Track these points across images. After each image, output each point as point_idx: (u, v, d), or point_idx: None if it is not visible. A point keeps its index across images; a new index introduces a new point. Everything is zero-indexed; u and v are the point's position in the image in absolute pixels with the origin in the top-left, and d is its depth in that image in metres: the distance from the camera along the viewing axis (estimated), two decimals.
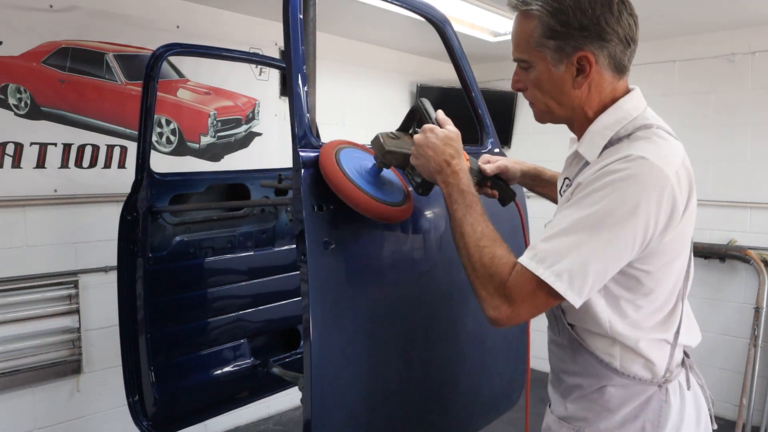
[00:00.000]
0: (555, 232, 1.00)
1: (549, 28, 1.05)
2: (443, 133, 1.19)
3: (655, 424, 1.09)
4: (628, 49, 1.08)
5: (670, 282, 1.08)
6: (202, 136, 3.22)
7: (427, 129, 1.21)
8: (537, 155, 4.40)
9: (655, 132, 1.05)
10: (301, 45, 1.30)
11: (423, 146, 1.19)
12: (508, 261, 1.04)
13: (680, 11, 3.22)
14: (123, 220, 2.16)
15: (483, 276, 1.04)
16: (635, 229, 0.97)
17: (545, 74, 1.10)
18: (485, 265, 1.04)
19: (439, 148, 1.17)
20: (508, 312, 1.01)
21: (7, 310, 2.58)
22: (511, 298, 1.00)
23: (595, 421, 1.12)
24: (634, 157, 0.98)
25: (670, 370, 1.11)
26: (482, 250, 1.05)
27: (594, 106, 1.11)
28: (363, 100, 4.14)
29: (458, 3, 3.00)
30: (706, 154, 3.68)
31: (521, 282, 1.00)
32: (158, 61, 2.09)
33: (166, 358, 2.24)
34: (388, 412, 1.44)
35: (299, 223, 1.23)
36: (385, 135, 1.26)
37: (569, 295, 0.97)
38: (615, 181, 0.97)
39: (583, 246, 0.97)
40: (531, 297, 1.00)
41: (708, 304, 3.66)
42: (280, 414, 3.71)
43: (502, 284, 1.01)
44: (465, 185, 1.14)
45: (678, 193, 0.99)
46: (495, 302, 1.02)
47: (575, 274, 0.97)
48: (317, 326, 1.24)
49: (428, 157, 1.18)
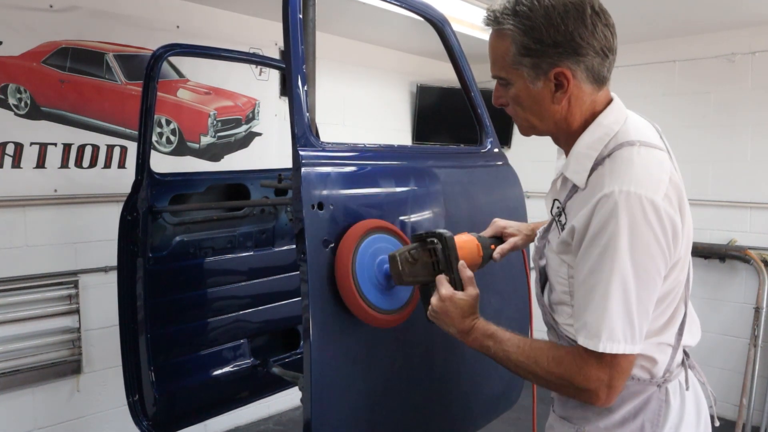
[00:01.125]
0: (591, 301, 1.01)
1: (523, 46, 1.05)
2: (462, 304, 1.19)
3: (654, 423, 1.10)
4: (606, 60, 1.06)
5: (673, 291, 1.08)
6: (202, 136, 3.22)
7: (445, 297, 1.19)
8: (537, 155, 4.40)
9: (637, 152, 1.03)
10: (300, 45, 1.30)
11: (441, 314, 1.20)
12: (565, 354, 1.05)
13: (680, 11, 3.22)
14: (123, 220, 2.15)
15: (560, 383, 1.06)
16: (654, 257, 0.99)
17: (524, 91, 1.09)
18: (553, 373, 1.06)
19: (457, 318, 1.18)
20: (605, 394, 1.03)
21: (7, 310, 2.58)
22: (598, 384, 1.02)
23: (595, 419, 1.13)
24: (618, 193, 0.98)
25: (670, 370, 1.12)
26: (538, 364, 1.07)
27: (576, 119, 1.10)
28: (363, 100, 4.14)
29: (458, 3, 3.00)
30: (706, 154, 3.68)
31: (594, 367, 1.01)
32: (158, 62, 2.09)
33: (166, 358, 2.24)
34: (388, 412, 1.45)
35: (299, 223, 1.23)
36: (403, 258, 1.23)
37: (629, 348, 0.99)
38: (614, 227, 0.97)
39: (621, 302, 0.98)
40: (613, 370, 1.01)
41: (708, 304, 3.66)
42: (280, 414, 3.71)
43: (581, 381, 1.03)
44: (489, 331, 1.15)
45: (673, 214, 1.00)
46: (589, 395, 1.04)
47: (626, 329, 0.99)
48: (317, 326, 1.24)
49: (447, 324, 1.20)
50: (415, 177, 1.57)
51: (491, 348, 1.14)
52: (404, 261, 1.23)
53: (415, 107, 4.49)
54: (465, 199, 1.68)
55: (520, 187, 1.90)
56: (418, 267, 1.24)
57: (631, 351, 0.99)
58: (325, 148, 1.34)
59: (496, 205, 1.81)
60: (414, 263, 1.23)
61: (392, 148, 1.66)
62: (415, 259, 1.24)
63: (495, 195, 1.82)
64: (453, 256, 1.23)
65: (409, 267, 1.23)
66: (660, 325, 1.09)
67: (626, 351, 0.99)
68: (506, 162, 1.88)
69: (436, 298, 1.21)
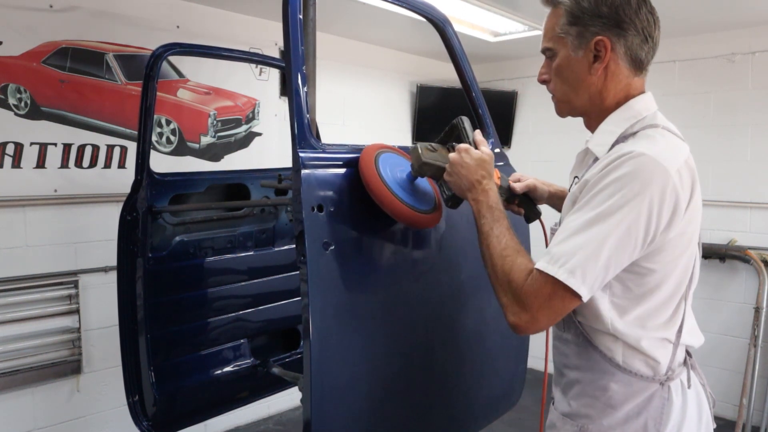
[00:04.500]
0: (565, 236, 1.04)
1: (573, 15, 1.14)
2: (477, 155, 1.27)
3: (657, 421, 1.11)
4: (646, 45, 1.13)
5: (673, 281, 1.09)
6: (202, 136, 3.22)
7: (462, 149, 1.28)
8: (537, 155, 4.42)
9: (660, 132, 1.10)
10: (300, 45, 1.30)
11: (457, 165, 1.27)
12: (526, 268, 1.08)
13: (680, 11, 3.22)
14: (123, 220, 2.15)
15: (503, 283, 1.09)
16: (639, 221, 1.00)
17: (565, 60, 1.16)
18: (506, 273, 1.09)
19: (471, 168, 1.25)
20: (527, 318, 1.05)
21: (7, 310, 2.58)
22: (528, 304, 1.04)
23: (599, 417, 1.14)
24: (636, 154, 1.02)
25: (672, 368, 1.13)
26: (504, 259, 1.11)
27: (609, 96, 1.16)
28: (363, 100, 4.14)
29: (458, 3, 3.00)
30: (706, 154, 3.68)
31: (537, 286, 1.04)
32: (158, 61, 2.09)
33: (166, 358, 2.24)
34: (388, 412, 1.45)
35: (299, 224, 1.23)
36: (423, 146, 1.34)
37: (582, 290, 1.00)
38: (618, 178, 1.01)
39: (592, 242, 1.01)
40: (547, 300, 1.03)
41: (708, 304, 3.66)
42: (280, 414, 3.71)
43: (519, 289, 1.06)
44: (493, 202, 1.21)
45: (680, 190, 1.02)
46: (514, 308, 1.06)
47: (587, 269, 1.00)
48: (317, 326, 1.24)
49: (461, 176, 1.26)
50: None
51: (484, 217, 1.18)
52: (424, 148, 1.34)
53: (415, 107, 4.49)
54: None
55: None
56: (437, 154, 1.35)
57: (576, 288, 1.00)
58: (325, 150, 1.33)
59: None
60: (433, 150, 1.35)
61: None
62: (434, 149, 1.36)
63: None
64: (468, 127, 1.36)
65: (429, 152, 1.33)
66: (664, 319, 1.11)
67: (576, 287, 1.00)
68: (507, 162, 1.87)
69: (454, 153, 1.29)
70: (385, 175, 1.34)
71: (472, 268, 1.59)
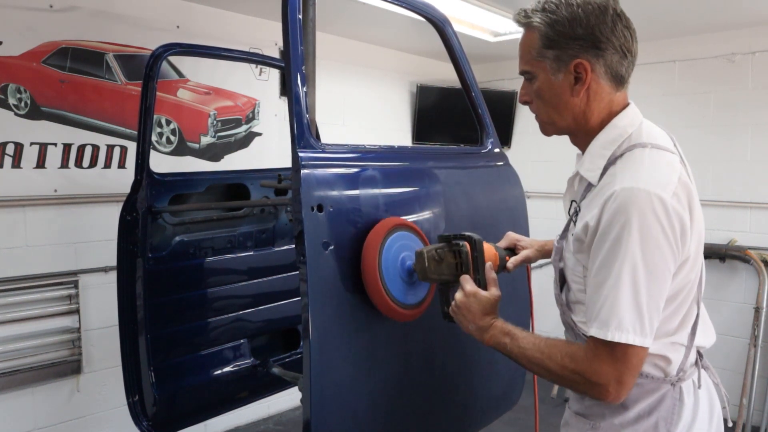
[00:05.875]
0: (602, 297, 1.03)
1: (548, 38, 1.12)
2: (485, 301, 1.23)
3: (668, 421, 1.12)
4: (625, 60, 1.13)
5: (685, 290, 1.10)
6: (202, 136, 3.22)
7: (470, 293, 1.24)
8: (537, 155, 4.42)
9: (648, 153, 1.09)
10: (300, 45, 1.30)
11: (464, 308, 1.24)
12: (578, 350, 1.07)
13: (680, 11, 3.22)
14: (123, 221, 2.15)
15: (572, 379, 1.07)
16: (662, 250, 1.01)
17: (546, 83, 1.15)
18: (566, 368, 1.07)
19: (478, 315, 1.22)
20: (615, 389, 1.03)
21: (7, 310, 2.58)
22: (607, 378, 1.03)
23: (610, 416, 1.14)
24: (630, 190, 1.01)
25: (683, 369, 1.14)
26: (553, 360, 1.09)
27: (593, 115, 1.15)
28: (363, 100, 4.13)
29: (458, 3, 3.00)
30: (706, 154, 3.68)
31: (604, 360, 1.03)
32: (158, 61, 2.09)
33: (166, 358, 2.24)
34: (388, 412, 1.44)
35: (298, 224, 1.23)
36: (430, 257, 1.28)
37: (639, 340, 1.00)
38: (623, 222, 1.00)
39: (629, 294, 1.00)
40: (622, 364, 1.02)
41: (708, 304, 3.57)
42: (280, 414, 3.71)
43: (591, 375, 1.04)
44: (506, 330, 1.18)
45: (681, 211, 1.03)
46: (599, 390, 1.05)
47: (635, 321, 1.00)
48: (317, 326, 1.24)
49: (467, 320, 1.24)
50: (416, 178, 1.57)
51: (507, 345, 1.16)
52: (430, 259, 1.28)
53: (415, 107, 4.49)
54: (465, 199, 1.68)
55: (520, 188, 1.90)
56: (443, 266, 1.29)
57: (640, 343, 1.01)
58: (324, 150, 1.33)
59: (496, 205, 1.81)
60: (440, 262, 1.29)
61: (392, 149, 1.65)
62: (441, 258, 1.29)
63: (495, 195, 1.82)
64: (481, 259, 1.30)
65: (435, 265, 1.28)
66: (674, 325, 1.11)
67: (635, 342, 1.00)
68: (507, 162, 1.88)
69: (460, 294, 1.25)
70: (385, 260, 1.32)
71: None
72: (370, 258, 1.31)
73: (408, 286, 1.39)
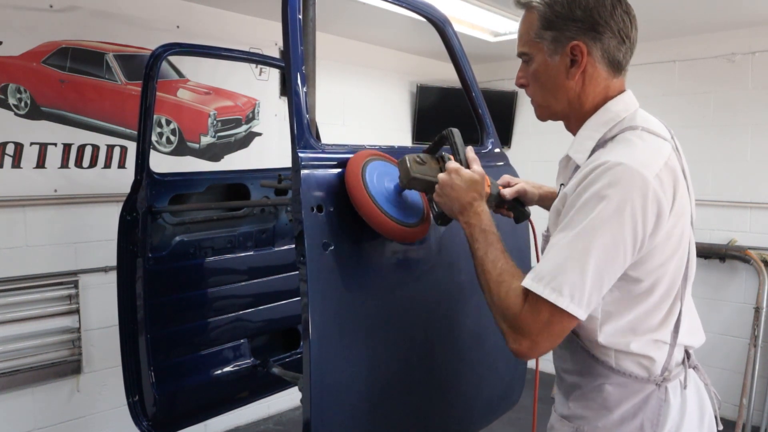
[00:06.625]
0: (552, 254, 1.03)
1: (546, 20, 1.12)
2: (468, 176, 1.22)
3: (653, 422, 1.09)
4: (623, 46, 1.12)
5: (665, 284, 1.08)
6: (202, 136, 3.22)
7: (452, 170, 1.23)
8: (537, 155, 4.42)
9: (638, 134, 1.07)
10: (300, 45, 1.30)
11: (447, 186, 1.22)
12: (522, 292, 1.05)
13: (680, 11, 3.22)
14: (123, 220, 2.15)
15: (500, 310, 1.07)
16: (623, 231, 0.99)
17: (542, 65, 1.15)
18: (502, 299, 1.06)
19: (462, 190, 1.20)
20: (527, 344, 1.03)
21: (7, 310, 2.58)
22: (526, 330, 1.02)
23: (594, 419, 1.13)
24: (612, 164, 0.99)
25: (668, 369, 1.11)
26: (500, 285, 1.08)
27: (588, 99, 1.14)
28: (363, 100, 4.14)
29: (458, 3, 3.00)
30: (706, 154, 3.68)
31: (532, 312, 1.02)
32: (158, 61, 2.09)
33: (166, 358, 2.24)
34: (388, 413, 1.44)
35: (298, 224, 1.23)
36: (412, 159, 1.28)
37: (572, 308, 0.98)
38: (597, 192, 0.99)
39: (579, 259, 0.99)
40: (546, 326, 1.01)
41: (708, 304, 3.66)
42: (280, 414, 3.71)
43: (516, 316, 1.03)
44: (486, 225, 1.17)
45: (661, 194, 1.00)
46: (514, 335, 1.04)
47: (575, 287, 0.98)
48: (316, 326, 1.24)
49: (451, 198, 1.21)
50: None
51: (478, 241, 1.15)
52: (413, 161, 1.28)
53: (415, 107, 4.49)
54: None
55: None
56: (426, 167, 1.30)
57: (572, 311, 0.98)
58: (324, 150, 1.33)
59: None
60: (422, 163, 1.30)
61: (392, 149, 1.65)
62: (423, 161, 1.30)
63: None
64: (459, 142, 1.31)
65: (417, 165, 1.28)
66: (656, 321, 1.09)
67: (566, 307, 0.98)
68: (507, 162, 1.87)
69: (443, 174, 1.24)
70: (371, 185, 1.30)
71: (471, 269, 1.58)
72: (355, 181, 1.28)
73: (402, 208, 1.35)
